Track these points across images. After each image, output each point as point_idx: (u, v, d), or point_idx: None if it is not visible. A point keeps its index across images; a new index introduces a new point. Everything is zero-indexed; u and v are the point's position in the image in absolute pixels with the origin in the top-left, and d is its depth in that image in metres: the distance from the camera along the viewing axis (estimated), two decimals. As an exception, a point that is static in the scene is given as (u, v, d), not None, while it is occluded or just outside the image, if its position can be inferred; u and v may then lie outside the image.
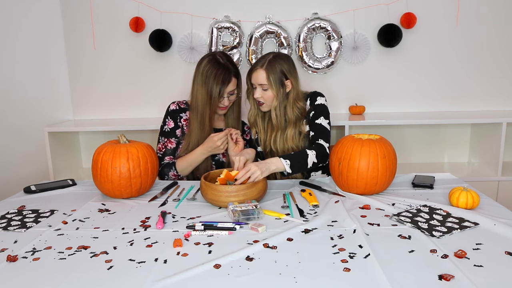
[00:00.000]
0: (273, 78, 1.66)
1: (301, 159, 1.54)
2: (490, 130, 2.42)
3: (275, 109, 1.71)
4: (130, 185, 1.44)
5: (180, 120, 1.79)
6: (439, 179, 1.60)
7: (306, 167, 1.56)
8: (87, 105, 2.73)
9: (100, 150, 1.47)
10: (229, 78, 1.69)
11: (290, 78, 1.70)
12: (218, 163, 1.79)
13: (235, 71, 1.73)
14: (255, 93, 1.72)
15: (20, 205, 1.42)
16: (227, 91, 1.70)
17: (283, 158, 1.52)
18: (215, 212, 1.32)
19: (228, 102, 1.73)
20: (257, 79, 1.69)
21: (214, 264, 0.96)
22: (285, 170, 1.51)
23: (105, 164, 1.43)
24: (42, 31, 2.57)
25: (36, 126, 2.57)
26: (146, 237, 1.13)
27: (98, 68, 2.66)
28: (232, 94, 1.74)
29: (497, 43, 2.54)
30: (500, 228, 1.12)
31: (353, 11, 2.52)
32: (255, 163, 1.46)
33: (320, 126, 1.68)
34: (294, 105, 1.72)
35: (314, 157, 1.57)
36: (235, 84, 1.73)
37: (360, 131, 2.56)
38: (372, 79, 2.62)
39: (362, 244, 1.05)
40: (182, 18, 2.55)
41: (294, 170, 1.53)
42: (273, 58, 1.69)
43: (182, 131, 1.79)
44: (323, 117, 1.70)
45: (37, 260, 1.01)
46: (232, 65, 1.73)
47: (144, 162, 1.47)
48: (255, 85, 1.72)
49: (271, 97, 1.70)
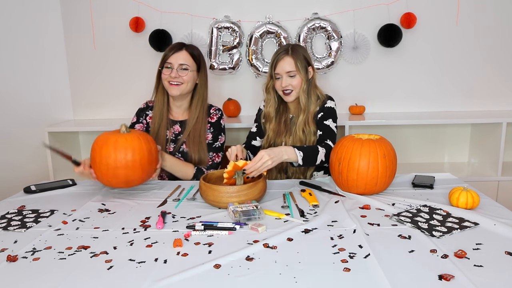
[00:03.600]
0: (300, 64, 1.72)
1: (312, 153, 1.57)
2: (490, 130, 2.42)
3: (304, 91, 1.74)
4: (114, 175, 1.43)
5: (145, 117, 1.85)
6: (439, 179, 1.60)
7: (315, 163, 1.58)
8: (87, 105, 2.74)
9: (96, 138, 1.48)
10: (179, 47, 1.73)
11: (311, 64, 1.78)
12: (184, 154, 1.78)
13: (190, 49, 1.75)
14: (282, 82, 1.73)
15: (20, 205, 1.42)
16: (176, 62, 1.71)
17: (297, 149, 1.54)
18: (215, 212, 1.32)
19: (175, 74, 1.71)
20: (284, 66, 1.72)
21: (214, 264, 0.96)
22: (297, 161, 1.52)
23: (93, 152, 1.45)
24: (42, 31, 2.57)
25: (36, 126, 2.57)
26: (146, 237, 1.13)
27: (98, 68, 2.66)
28: (184, 69, 1.72)
29: (497, 43, 2.54)
30: (500, 228, 1.12)
31: (353, 11, 2.52)
32: (267, 150, 1.45)
33: (328, 127, 1.72)
34: (314, 91, 1.78)
35: (323, 155, 1.60)
36: (186, 58, 1.73)
37: (360, 131, 2.56)
38: (372, 79, 2.62)
39: (362, 244, 1.05)
40: (182, 18, 2.55)
41: (305, 163, 1.54)
42: (294, 46, 1.78)
43: (144, 128, 1.84)
44: (331, 120, 1.74)
45: (37, 260, 1.01)
46: (189, 45, 1.78)
47: (132, 153, 1.42)
48: (280, 74, 1.74)
49: (299, 83, 1.73)
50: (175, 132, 1.81)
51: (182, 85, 1.73)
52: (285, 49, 1.74)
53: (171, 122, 1.82)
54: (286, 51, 1.73)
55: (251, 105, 2.65)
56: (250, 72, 2.61)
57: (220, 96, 2.63)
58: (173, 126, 1.81)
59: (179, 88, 1.73)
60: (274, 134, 1.82)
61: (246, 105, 2.67)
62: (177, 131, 1.81)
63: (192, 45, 1.79)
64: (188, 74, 1.72)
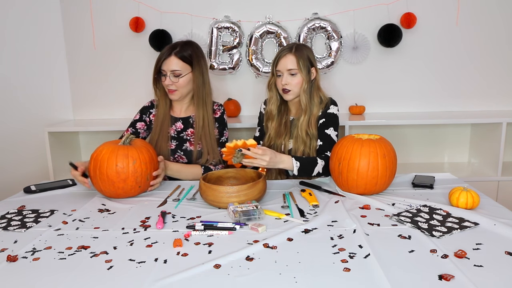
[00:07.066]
0: (302, 63, 1.70)
1: (310, 166, 1.59)
2: (490, 130, 2.42)
3: (304, 91, 1.72)
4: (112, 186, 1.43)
5: (148, 115, 1.84)
6: (439, 179, 1.60)
7: (311, 174, 1.60)
8: (87, 105, 2.73)
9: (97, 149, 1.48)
10: (168, 53, 1.69)
11: (315, 66, 1.76)
12: (186, 152, 1.79)
13: (180, 52, 1.69)
14: (282, 80, 1.72)
15: (20, 205, 1.42)
16: (168, 69, 1.68)
17: (295, 159, 1.56)
18: (215, 212, 1.32)
19: (168, 81, 1.70)
20: (286, 64, 1.70)
21: (214, 264, 0.96)
22: (292, 171, 1.55)
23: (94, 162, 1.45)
24: (42, 31, 2.57)
25: (36, 126, 2.57)
26: (146, 237, 1.13)
27: (98, 68, 2.66)
28: (177, 76, 1.69)
29: (497, 43, 2.54)
30: (500, 228, 1.12)
31: (353, 11, 2.52)
32: (272, 152, 1.50)
33: (329, 137, 1.71)
34: (317, 93, 1.76)
35: (321, 168, 1.61)
36: (176, 63, 1.68)
37: (360, 131, 2.56)
38: (372, 79, 2.62)
39: (362, 244, 1.05)
40: (182, 18, 2.55)
41: (300, 174, 1.57)
42: (299, 45, 1.75)
43: (146, 126, 1.83)
44: (332, 128, 1.72)
45: (37, 260, 1.01)
46: (180, 46, 1.70)
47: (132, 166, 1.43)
48: (281, 72, 1.73)
49: (299, 82, 1.71)
50: (177, 129, 1.81)
51: (177, 91, 1.72)
52: (290, 47, 1.73)
53: (173, 120, 1.82)
54: (290, 49, 1.72)
55: (251, 105, 2.65)
56: (250, 72, 2.61)
57: (220, 96, 2.63)
58: (176, 123, 1.81)
59: (176, 94, 1.73)
60: (275, 133, 1.81)
61: (246, 105, 2.67)
62: (179, 128, 1.81)
63: (183, 45, 1.72)
64: (180, 80, 1.70)
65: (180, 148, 1.79)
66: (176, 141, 1.80)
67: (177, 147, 1.79)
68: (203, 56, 1.77)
